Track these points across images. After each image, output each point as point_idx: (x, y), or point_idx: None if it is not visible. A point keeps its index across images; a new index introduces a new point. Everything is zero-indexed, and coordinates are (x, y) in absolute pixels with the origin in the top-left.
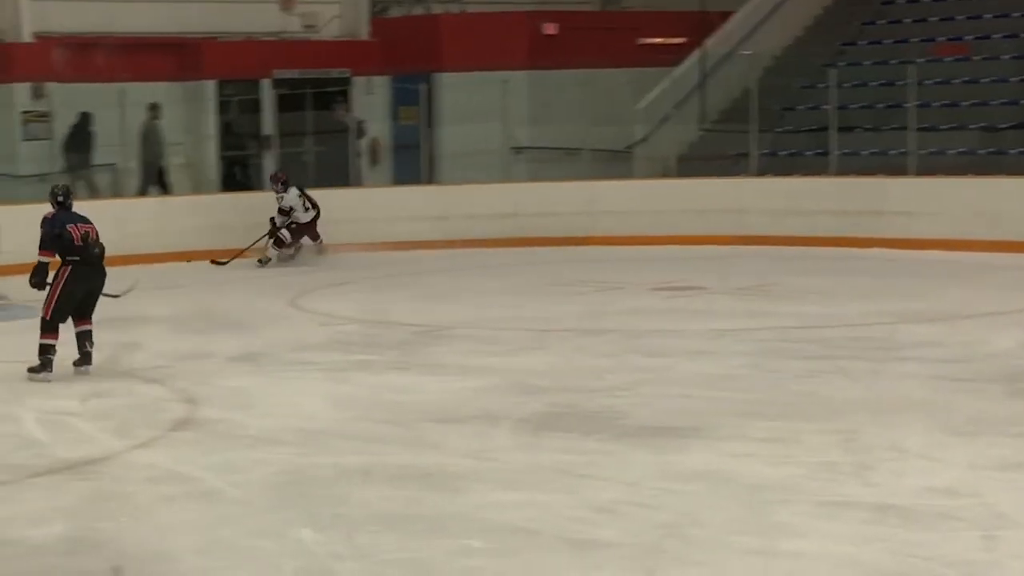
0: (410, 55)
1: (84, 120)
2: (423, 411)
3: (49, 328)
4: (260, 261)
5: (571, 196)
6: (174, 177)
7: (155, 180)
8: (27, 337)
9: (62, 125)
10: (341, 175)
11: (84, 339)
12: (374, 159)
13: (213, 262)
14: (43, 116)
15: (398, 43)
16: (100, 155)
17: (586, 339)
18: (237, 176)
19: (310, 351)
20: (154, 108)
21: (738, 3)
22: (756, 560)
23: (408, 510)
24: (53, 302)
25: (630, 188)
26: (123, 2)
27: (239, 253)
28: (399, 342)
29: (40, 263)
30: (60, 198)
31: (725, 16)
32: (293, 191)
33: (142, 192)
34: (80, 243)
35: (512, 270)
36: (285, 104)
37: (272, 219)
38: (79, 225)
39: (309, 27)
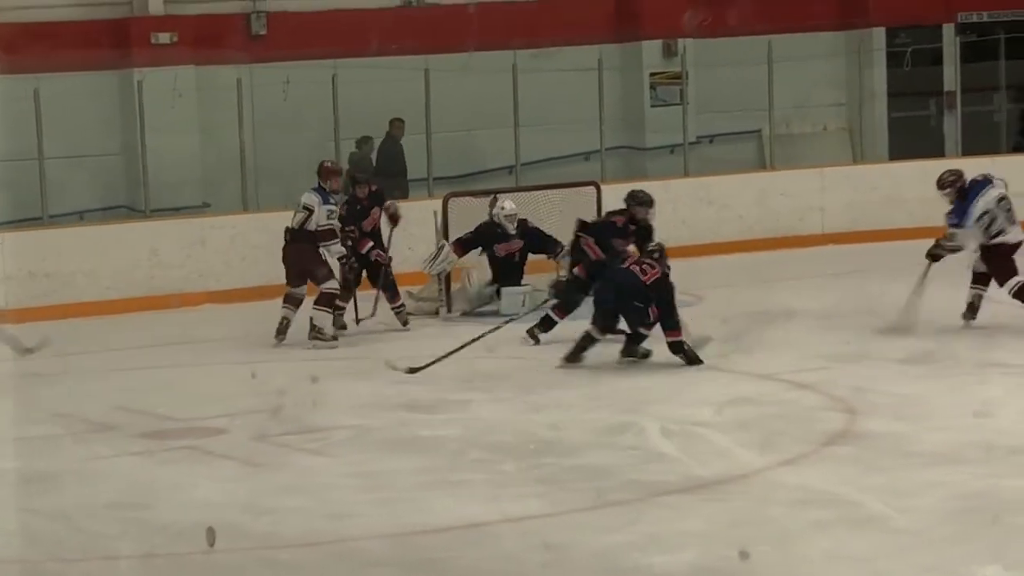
0: None
1: None
2: None
3: None
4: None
5: None
6: (828, 141)
7: None
8: None
9: (697, 88)
10: None
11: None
12: None
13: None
14: (675, 78)
15: None
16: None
17: None
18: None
19: (999, 351)
20: None
21: None
22: None
23: None
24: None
25: None
26: None
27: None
28: None
29: None
30: None
31: None
32: None
33: None
34: None
35: None
36: (971, 54)
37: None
38: None
39: None
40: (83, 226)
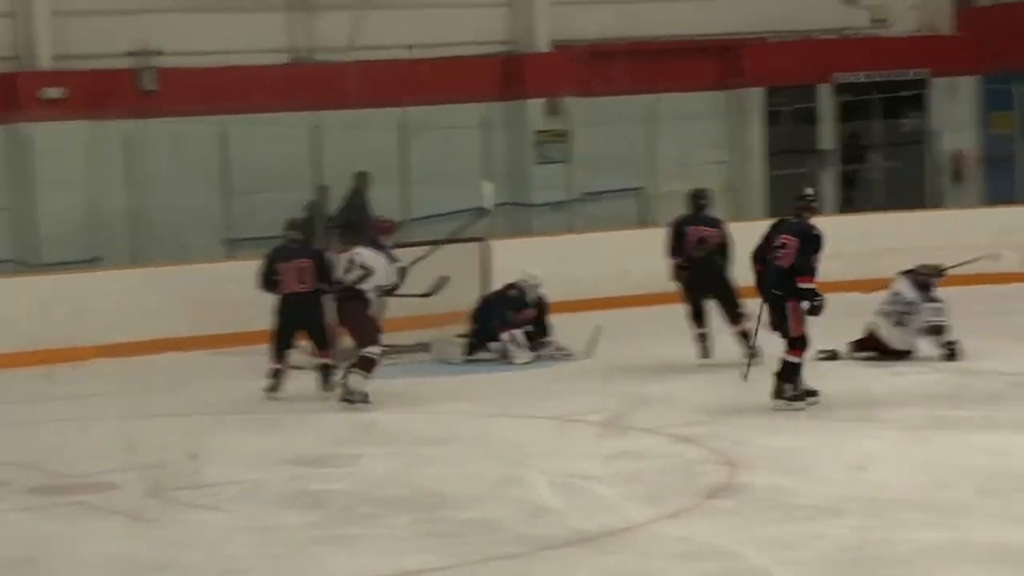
0: (1005, 50)
1: None
2: (1019, 478)
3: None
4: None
5: None
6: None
7: None
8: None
9: (581, 146)
10: (916, 194)
11: None
12: (958, 175)
13: None
14: (559, 136)
15: (989, 37)
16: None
17: None
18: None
19: (878, 405)
20: None
21: None
22: None
23: None
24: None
25: None
26: (652, 2)
27: None
28: (989, 395)
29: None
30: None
31: None
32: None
33: None
34: None
35: None
36: (847, 113)
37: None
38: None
39: (878, 21)
40: None
